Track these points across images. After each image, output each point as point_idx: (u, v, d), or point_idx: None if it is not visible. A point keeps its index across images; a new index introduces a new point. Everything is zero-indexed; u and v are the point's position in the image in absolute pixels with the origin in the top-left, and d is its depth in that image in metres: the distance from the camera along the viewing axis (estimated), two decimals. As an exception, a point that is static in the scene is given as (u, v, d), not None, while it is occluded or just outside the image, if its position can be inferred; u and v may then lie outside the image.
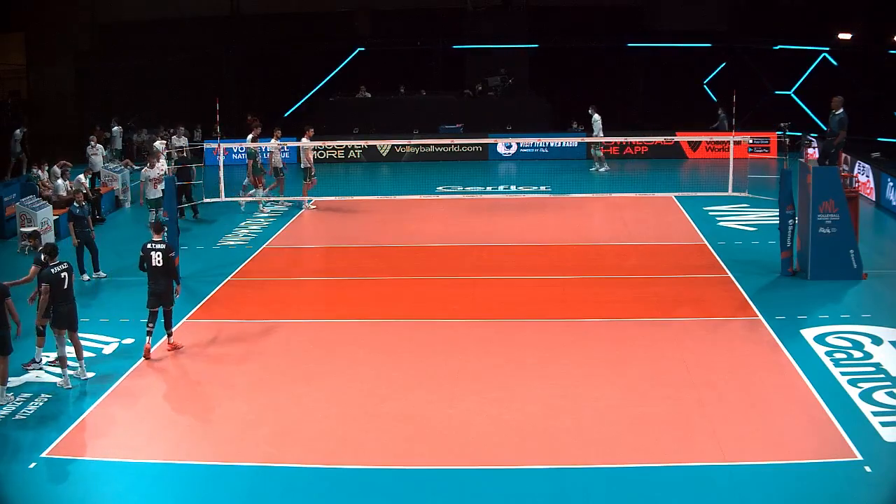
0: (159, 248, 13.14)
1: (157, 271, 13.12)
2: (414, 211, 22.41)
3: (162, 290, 13.14)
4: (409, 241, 20.12)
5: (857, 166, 23.66)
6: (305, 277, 17.45)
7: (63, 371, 12.29)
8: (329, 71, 35.50)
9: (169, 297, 13.23)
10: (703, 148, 30.50)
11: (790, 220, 16.37)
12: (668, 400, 11.42)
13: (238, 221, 21.92)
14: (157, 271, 13.12)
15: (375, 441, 10.58)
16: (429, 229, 21.13)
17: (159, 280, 13.14)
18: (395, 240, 20.06)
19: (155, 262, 13.10)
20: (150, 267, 13.15)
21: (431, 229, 21.13)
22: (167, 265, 13.13)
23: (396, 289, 16.40)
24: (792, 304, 14.91)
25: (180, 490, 9.75)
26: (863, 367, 12.28)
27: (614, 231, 20.41)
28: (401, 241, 20.01)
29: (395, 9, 35.41)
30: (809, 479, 9.51)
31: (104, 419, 11.46)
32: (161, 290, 13.14)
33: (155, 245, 13.19)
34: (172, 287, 13.28)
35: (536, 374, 12.35)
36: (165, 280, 13.16)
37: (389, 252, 19.18)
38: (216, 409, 11.61)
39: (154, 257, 13.11)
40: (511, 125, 31.75)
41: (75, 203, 17.33)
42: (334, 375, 12.52)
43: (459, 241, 19.87)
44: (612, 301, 15.43)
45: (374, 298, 15.91)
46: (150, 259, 13.15)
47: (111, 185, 24.86)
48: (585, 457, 10.10)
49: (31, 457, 10.35)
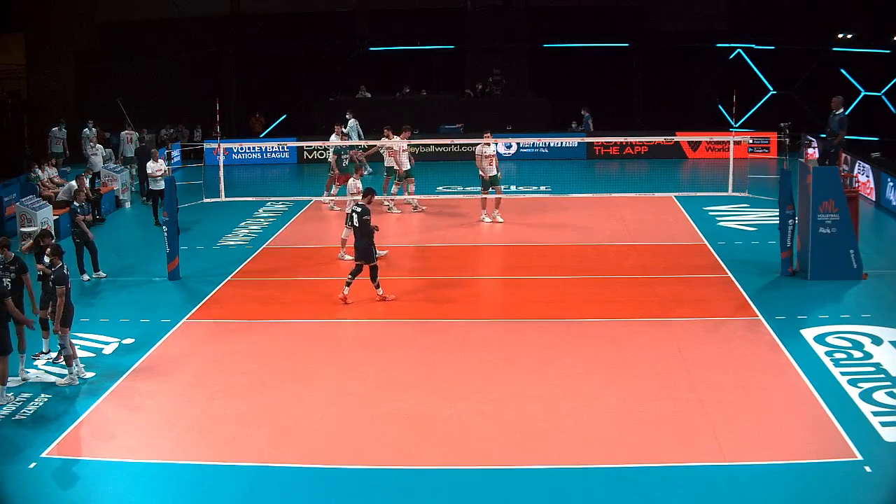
0: (356, 210, 15.34)
1: (356, 231, 15.34)
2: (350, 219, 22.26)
3: (361, 246, 15.21)
4: (409, 241, 20.12)
5: (857, 166, 23.65)
6: (305, 277, 17.45)
7: (70, 369, 12.30)
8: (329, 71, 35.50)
9: (369, 254, 15.17)
10: (703, 148, 30.50)
11: (790, 220, 16.36)
12: (668, 400, 11.42)
13: (238, 221, 21.92)
14: (356, 231, 15.35)
15: (375, 441, 10.57)
16: (429, 229, 21.12)
17: (359, 238, 15.27)
18: (394, 240, 20.04)
19: (353, 221, 15.44)
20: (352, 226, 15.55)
21: (431, 229, 21.13)
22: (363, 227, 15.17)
23: (396, 289, 16.38)
24: (792, 304, 14.91)
25: (180, 490, 9.74)
26: (863, 367, 12.28)
27: (614, 231, 20.40)
28: (400, 241, 20.00)
29: (395, 9, 35.42)
30: (809, 479, 9.51)
31: (104, 419, 11.47)
32: (360, 246, 15.23)
33: (355, 207, 15.50)
34: (372, 245, 15.22)
35: (536, 374, 12.35)
36: (364, 239, 15.18)
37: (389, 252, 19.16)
38: (216, 409, 11.61)
39: (353, 218, 15.42)
40: (511, 125, 31.75)
41: (75, 203, 17.33)
42: (334, 375, 12.53)
43: (459, 241, 19.87)
44: (612, 301, 15.43)
45: (374, 298, 15.90)
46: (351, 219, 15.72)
47: (111, 185, 24.87)
48: (585, 457, 10.10)
49: (31, 457, 10.34)
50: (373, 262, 15.29)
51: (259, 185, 28.38)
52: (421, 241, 20.07)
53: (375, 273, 15.38)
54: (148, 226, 22.16)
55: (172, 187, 17.24)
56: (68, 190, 21.22)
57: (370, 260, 15.26)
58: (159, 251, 17.74)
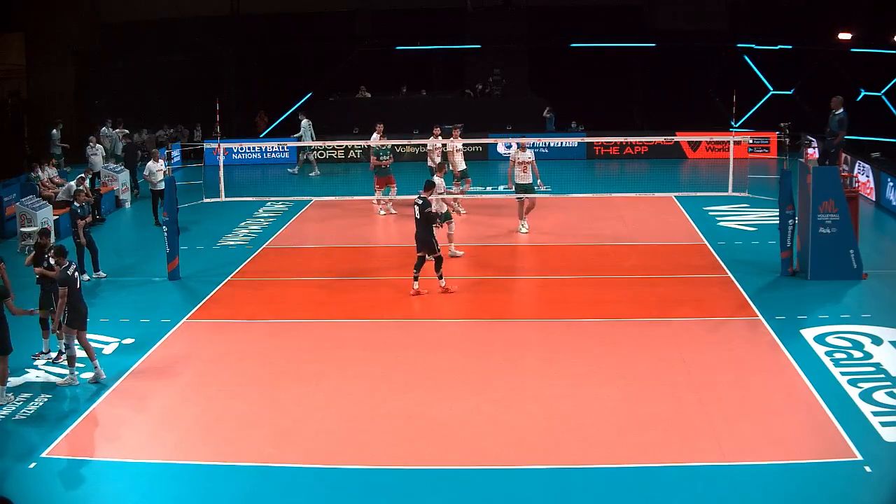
0: (419, 203, 15.73)
1: (417, 222, 15.71)
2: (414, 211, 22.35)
3: (422, 238, 15.63)
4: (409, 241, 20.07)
5: (857, 166, 23.65)
6: (305, 277, 17.45)
7: (71, 369, 12.29)
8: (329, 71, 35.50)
9: (431, 246, 15.61)
10: (703, 148, 30.48)
11: (790, 220, 16.36)
12: (668, 400, 11.43)
13: (238, 221, 21.91)
14: (417, 223, 15.72)
15: (375, 441, 10.58)
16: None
17: (419, 230, 15.65)
18: (394, 240, 20.05)
19: (416, 214, 15.73)
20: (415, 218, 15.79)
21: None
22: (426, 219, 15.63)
23: (396, 289, 16.39)
24: (792, 304, 14.91)
25: (180, 490, 9.75)
26: (863, 367, 12.28)
27: (614, 231, 20.40)
28: (401, 241, 19.99)
29: (395, 9, 35.40)
30: (809, 479, 9.51)
31: (104, 419, 11.47)
32: (422, 238, 15.63)
33: (417, 201, 15.81)
34: (433, 237, 15.63)
35: (536, 374, 12.35)
36: (425, 231, 15.61)
37: (389, 252, 19.18)
38: (216, 409, 11.61)
39: (416, 210, 15.76)
40: (511, 125, 31.74)
41: (75, 203, 17.33)
42: (334, 375, 12.53)
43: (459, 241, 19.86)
44: (612, 301, 15.43)
45: (374, 298, 15.92)
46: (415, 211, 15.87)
47: (111, 185, 24.87)
48: (585, 457, 10.11)
49: (31, 457, 10.35)
50: (435, 252, 15.74)
51: (259, 185, 28.38)
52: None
53: (440, 264, 15.87)
54: (148, 226, 22.16)
55: (172, 187, 17.24)
56: (68, 190, 21.23)
57: (432, 251, 15.68)
58: (159, 251, 17.74)
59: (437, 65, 36.59)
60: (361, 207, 22.76)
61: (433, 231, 15.75)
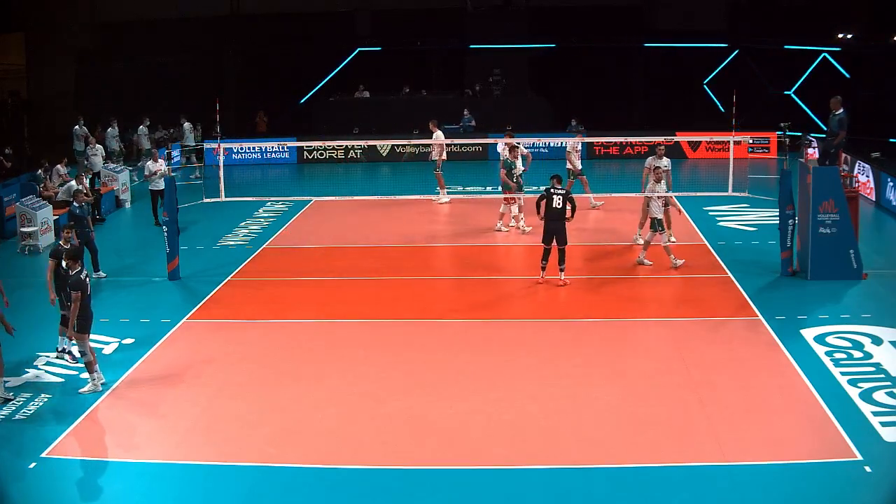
0: (560, 193, 15.82)
1: (555, 212, 15.79)
2: (414, 211, 22.40)
3: (556, 228, 15.78)
4: (410, 241, 20.11)
5: (857, 166, 23.65)
6: (305, 277, 17.45)
7: (91, 376, 12.13)
8: (329, 71, 35.50)
9: (563, 236, 15.82)
10: (703, 148, 30.48)
11: (790, 220, 16.36)
12: (668, 400, 11.43)
13: (238, 221, 21.91)
14: (554, 212, 15.79)
15: (375, 441, 10.58)
16: (429, 229, 21.13)
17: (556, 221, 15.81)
18: (395, 240, 20.05)
19: (555, 204, 15.79)
20: (550, 209, 15.79)
21: (432, 229, 21.13)
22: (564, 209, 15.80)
23: (396, 289, 16.39)
24: (792, 304, 14.91)
25: (180, 490, 9.75)
26: (863, 367, 12.28)
27: (614, 231, 20.39)
28: (401, 241, 20.00)
29: (395, 9, 35.42)
30: (809, 479, 9.51)
31: (104, 419, 11.46)
32: (554, 228, 15.78)
33: (557, 190, 15.84)
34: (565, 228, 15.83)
35: (536, 374, 12.35)
36: (560, 222, 15.79)
37: (389, 252, 19.18)
38: (216, 408, 11.61)
39: (556, 200, 15.78)
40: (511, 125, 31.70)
41: (75, 203, 17.32)
42: (334, 375, 12.52)
43: (459, 241, 19.87)
44: (612, 301, 15.44)
45: (374, 298, 15.92)
46: (551, 201, 15.79)
47: (111, 185, 24.87)
48: (585, 457, 10.10)
49: (31, 456, 10.34)
50: (565, 244, 16.02)
51: (259, 185, 28.38)
52: (421, 242, 20.05)
53: (563, 256, 16.06)
54: (148, 226, 22.16)
55: (172, 187, 17.24)
56: (67, 190, 21.22)
57: (562, 243, 15.96)
58: (159, 251, 17.74)
59: (437, 65, 36.58)
60: (361, 208, 22.71)
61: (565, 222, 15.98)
